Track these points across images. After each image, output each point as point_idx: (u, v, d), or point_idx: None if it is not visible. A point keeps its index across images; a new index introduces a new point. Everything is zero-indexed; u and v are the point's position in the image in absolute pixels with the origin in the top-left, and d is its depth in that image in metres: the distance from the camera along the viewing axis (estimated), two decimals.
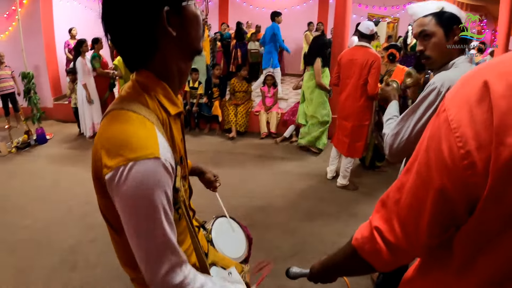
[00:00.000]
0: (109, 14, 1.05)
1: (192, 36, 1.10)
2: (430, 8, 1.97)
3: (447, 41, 1.95)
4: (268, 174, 5.65)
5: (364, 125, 4.92)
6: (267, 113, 7.28)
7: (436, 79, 1.86)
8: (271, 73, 7.53)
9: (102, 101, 7.16)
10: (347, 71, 4.79)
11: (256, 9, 13.62)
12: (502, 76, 0.60)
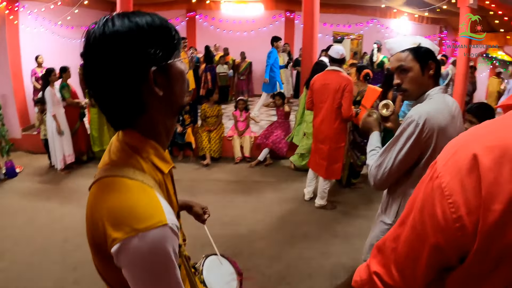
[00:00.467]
0: (93, 72, 1.01)
1: (178, 93, 1.09)
2: (407, 44, 2.07)
3: (422, 75, 2.04)
4: (247, 200, 5.64)
5: (341, 147, 5.04)
6: (240, 137, 7.29)
7: (414, 112, 1.96)
8: (242, 98, 7.60)
9: (72, 131, 6.99)
10: (320, 96, 4.88)
11: (224, 32, 13.73)
12: (489, 149, 0.68)
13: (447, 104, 2.01)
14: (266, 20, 13.77)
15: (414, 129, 1.92)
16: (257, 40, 13.42)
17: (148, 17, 1.03)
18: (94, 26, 1.00)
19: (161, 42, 1.02)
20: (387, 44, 2.21)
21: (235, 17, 13.63)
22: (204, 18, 13.79)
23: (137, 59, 0.97)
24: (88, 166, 7.21)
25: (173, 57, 1.06)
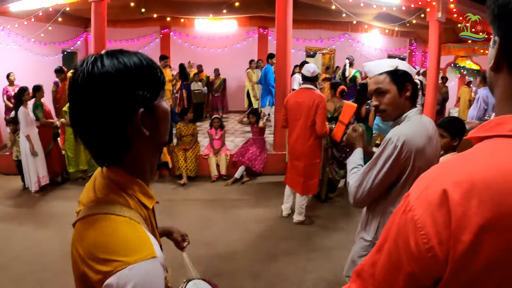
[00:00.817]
0: (80, 111, 1.01)
1: (162, 132, 1.10)
2: (385, 67, 2.13)
3: (400, 97, 2.09)
4: (225, 219, 5.62)
5: (316, 163, 5.11)
6: (216, 155, 7.27)
7: (392, 134, 2.01)
8: (217, 116, 7.61)
9: (46, 152, 6.81)
10: (294, 114, 4.94)
11: (198, 48, 13.77)
12: (457, 185, 0.72)
13: (424, 125, 2.07)
14: (240, 36, 13.92)
15: (392, 150, 1.97)
16: (231, 57, 13.56)
17: (135, 57, 1.04)
18: (82, 64, 1.01)
19: (148, 83, 1.04)
20: (365, 67, 2.28)
21: (209, 34, 13.72)
22: (178, 35, 13.85)
23: (125, 101, 0.99)
24: (63, 188, 7.04)
25: (159, 97, 1.08)
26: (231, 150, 7.57)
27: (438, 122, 3.39)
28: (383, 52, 15.75)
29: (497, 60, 0.81)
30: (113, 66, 0.98)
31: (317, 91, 4.92)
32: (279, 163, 6.92)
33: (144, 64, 1.05)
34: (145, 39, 13.63)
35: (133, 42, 13.36)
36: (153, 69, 1.07)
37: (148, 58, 1.08)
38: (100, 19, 7.35)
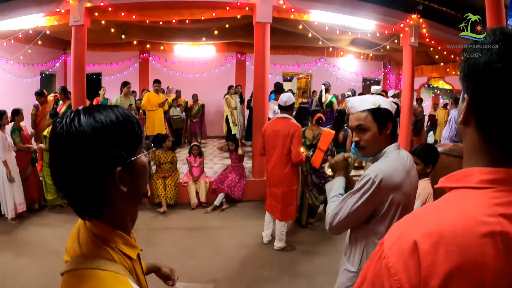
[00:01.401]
0: (59, 166, 1.04)
1: (141, 185, 1.14)
2: (367, 104, 2.20)
3: (380, 135, 2.17)
4: (206, 247, 5.61)
5: (293, 190, 5.20)
6: (196, 183, 7.28)
7: (370, 171, 2.07)
8: (196, 143, 7.64)
9: (23, 178, 6.68)
10: (271, 142, 5.05)
11: (176, 74, 13.88)
12: (427, 236, 0.80)
13: (402, 160, 2.14)
14: (218, 62, 14.11)
15: (370, 186, 2.02)
16: (209, 82, 13.72)
17: (112, 114, 1.06)
18: (62, 120, 1.04)
19: (125, 140, 1.07)
20: (347, 102, 2.34)
21: (188, 59, 13.87)
22: (157, 60, 13.92)
23: (102, 160, 1.01)
24: (40, 215, 6.87)
25: (137, 152, 1.11)
26: (210, 177, 7.59)
27: (412, 150, 3.50)
28: (358, 75, 16.13)
29: (466, 115, 0.89)
30: (90, 126, 1.01)
31: (292, 120, 5.05)
32: (259, 189, 6.96)
33: (121, 120, 1.06)
34: (124, 63, 13.68)
35: (112, 66, 13.44)
36: (130, 125, 1.09)
37: (126, 113, 1.10)
38: (80, 43, 7.40)
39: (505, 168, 0.84)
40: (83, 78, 7.55)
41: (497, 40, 0.82)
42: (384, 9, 8.94)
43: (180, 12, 8.02)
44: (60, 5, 7.25)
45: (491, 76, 0.81)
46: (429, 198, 3.23)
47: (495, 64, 0.81)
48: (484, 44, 0.84)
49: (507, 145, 0.85)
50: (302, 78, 15.63)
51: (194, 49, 13.62)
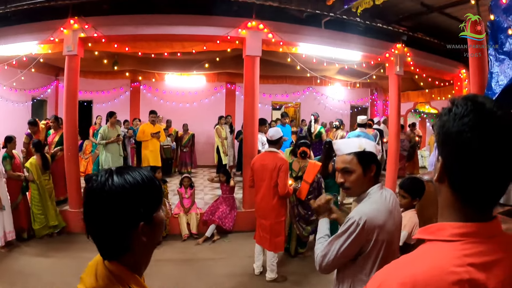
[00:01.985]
0: (91, 216, 1.23)
1: (158, 235, 1.32)
2: (353, 147, 2.33)
3: (364, 177, 2.29)
4: (198, 279, 5.62)
5: (281, 221, 5.31)
6: (187, 214, 7.30)
7: (355, 214, 2.18)
8: (187, 175, 7.69)
9: (13, 206, 6.65)
10: (260, 175, 5.20)
11: (167, 103, 14.02)
12: (402, 285, 0.90)
13: (385, 200, 2.25)
14: (208, 92, 14.32)
15: (355, 228, 2.12)
16: (199, 111, 13.87)
17: (140, 177, 1.26)
18: (97, 178, 1.24)
19: (149, 199, 1.26)
20: (334, 145, 2.47)
21: (178, 89, 14.05)
22: (148, 89, 14.06)
23: (130, 216, 1.21)
24: (29, 245, 6.76)
25: (157, 209, 1.30)
26: (201, 208, 7.62)
27: (400, 184, 3.65)
28: (346, 103, 16.43)
29: (440, 175, 1.02)
30: (121, 187, 1.21)
31: (279, 155, 5.22)
32: (249, 220, 7.01)
33: (146, 183, 1.26)
34: (115, 91, 13.80)
35: (103, 94, 13.56)
36: (153, 187, 1.29)
37: (151, 177, 1.30)
38: (73, 73, 7.50)
39: (474, 222, 0.96)
40: (75, 107, 7.62)
41: (468, 112, 0.94)
42: (370, 40, 9.19)
43: (171, 45, 8.21)
44: (54, 34, 7.37)
45: (463, 144, 0.94)
46: (415, 227, 3.36)
47: (466, 134, 0.93)
48: (457, 114, 0.96)
49: (476, 202, 0.98)
50: (291, 107, 15.89)
51: (184, 79, 13.78)
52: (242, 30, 7.77)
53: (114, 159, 8.55)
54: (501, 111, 0.94)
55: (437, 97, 13.99)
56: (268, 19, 7.97)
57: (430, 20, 9.02)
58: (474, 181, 0.95)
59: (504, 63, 4.44)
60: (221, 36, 7.75)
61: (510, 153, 0.93)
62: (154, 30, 7.61)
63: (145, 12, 7.60)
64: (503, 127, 0.93)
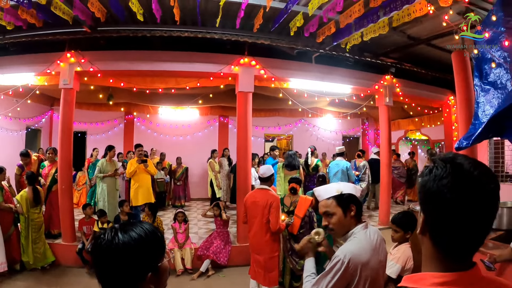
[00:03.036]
0: (101, 269, 1.35)
1: (164, 282, 1.44)
2: (331, 192, 2.50)
3: (345, 217, 2.44)
4: None
5: (275, 256, 5.35)
6: (181, 249, 7.29)
7: (340, 252, 2.30)
8: (181, 210, 7.73)
9: (6, 237, 6.60)
10: (252, 211, 5.28)
11: (161, 136, 14.12)
12: None
13: (369, 238, 2.38)
14: (201, 125, 14.46)
15: (340, 266, 2.24)
16: (192, 145, 13.97)
17: (143, 232, 1.39)
18: (104, 235, 1.37)
19: (154, 251, 1.40)
20: (315, 192, 2.64)
21: (172, 122, 14.16)
22: (142, 122, 14.12)
23: (138, 270, 1.34)
24: (22, 277, 6.67)
25: (162, 259, 1.43)
26: (195, 243, 7.60)
27: (392, 219, 3.76)
28: (338, 133, 16.67)
29: (422, 228, 1.14)
30: (127, 244, 1.34)
31: (271, 192, 5.30)
32: (244, 254, 7.03)
33: (150, 236, 1.39)
34: (109, 123, 13.83)
35: (97, 125, 13.58)
36: (157, 239, 1.42)
37: (153, 230, 1.43)
38: (69, 106, 7.58)
39: (454, 272, 1.06)
40: (70, 140, 7.67)
41: (448, 174, 1.05)
42: (359, 73, 9.42)
43: (166, 80, 8.43)
44: (51, 67, 7.51)
45: (442, 204, 1.05)
46: (409, 261, 3.42)
47: (445, 195, 1.03)
48: (437, 175, 1.06)
49: (455, 254, 1.08)
50: (283, 139, 16.08)
51: (178, 112, 13.94)
52: (235, 66, 7.99)
53: (110, 193, 8.51)
54: (477, 171, 1.04)
55: (427, 124, 14.31)
56: (260, 56, 8.20)
57: (417, 51, 9.30)
58: (453, 236, 1.05)
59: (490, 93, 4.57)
60: (215, 72, 7.94)
61: (486, 211, 1.04)
62: (149, 66, 7.81)
63: (140, 48, 7.81)
64: (479, 187, 1.03)
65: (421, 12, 5.88)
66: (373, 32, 6.89)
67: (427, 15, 6.06)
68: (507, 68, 4.31)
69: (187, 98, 11.13)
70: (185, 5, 6.81)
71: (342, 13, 6.62)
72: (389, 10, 6.06)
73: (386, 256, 2.55)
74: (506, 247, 4.04)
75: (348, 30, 7.25)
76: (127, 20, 7.32)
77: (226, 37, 7.47)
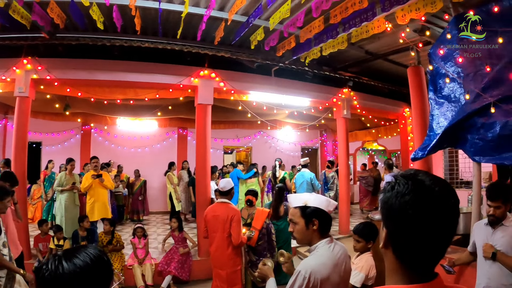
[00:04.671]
0: None
1: None
2: (299, 202, 2.55)
3: (307, 229, 2.49)
4: None
5: (237, 270, 5.32)
6: (141, 265, 7.09)
7: (301, 267, 2.33)
8: (140, 225, 7.56)
9: None
10: (212, 226, 5.23)
11: (118, 148, 13.75)
12: None
13: (331, 253, 2.43)
14: (160, 137, 14.22)
15: (302, 281, 2.27)
16: (151, 157, 13.70)
17: (88, 258, 1.34)
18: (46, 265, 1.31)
19: (101, 276, 1.35)
20: (288, 198, 2.71)
21: (130, 133, 13.83)
22: (100, 133, 13.69)
23: None
24: None
25: (110, 283, 1.40)
26: (156, 258, 7.45)
27: (353, 229, 3.84)
28: (296, 145, 16.92)
29: (385, 242, 1.15)
30: (72, 272, 1.28)
31: (231, 205, 5.28)
32: (206, 268, 6.97)
33: (95, 262, 1.34)
34: (65, 134, 13.31)
35: (53, 135, 13.03)
36: (103, 264, 1.37)
37: (98, 254, 1.38)
38: (24, 115, 7.29)
39: (416, 284, 1.09)
40: (24, 150, 7.37)
41: (410, 191, 1.07)
42: (318, 87, 9.61)
43: (124, 91, 8.28)
44: (6, 73, 7.19)
45: (404, 220, 1.07)
46: (372, 269, 3.51)
47: (407, 211, 1.06)
48: (399, 192, 1.09)
49: (417, 267, 1.11)
50: (242, 151, 16.10)
51: (136, 123, 13.65)
52: (194, 78, 7.98)
53: (68, 207, 8.12)
54: (438, 187, 1.08)
55: (384, 135, 14.78)
56: (221, 68, 8.23)
57: (375, 66, 9.60)
58: (415, 250, 1.08)
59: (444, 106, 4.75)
60: (174, 84, 7.90)
61: (447, 225, 1.07)
62: (108, 76, 7.65)
63: (99, 57, 7.61)
64: (440, 203, 1.06)
65: (379, 29, 6.07)
66: (332, 47, 7.05)
67: (385, 32, 6.26)
68: (460, 83, 4.49)
69: (146, 110, 10.93)
70: (147, 15, 6.75)
71: (303, 28, 6.75)
72: (348, 26, 6.22)
73: (350, 271, 2.61)
74: (464, 250, 4.21)
75: (307, 45, 7.38)
76: (87, 27, 7.15)
77: (187, 49, 7.42)
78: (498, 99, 4.04)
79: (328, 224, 2.55)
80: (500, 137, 4.05)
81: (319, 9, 5.47)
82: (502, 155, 4.10)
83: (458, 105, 4.56)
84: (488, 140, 4.18)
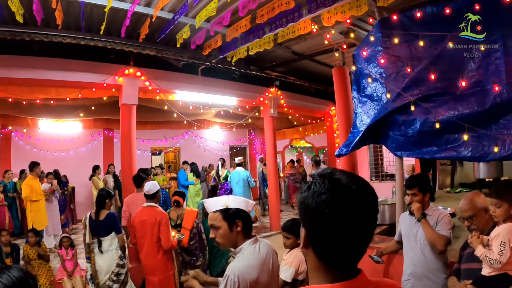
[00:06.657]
0: None
1: None
2: (218, 205, 2.48)
3: (231, 232, 2.43)
4: None
5: (170, 275, 5.21)
6: (71, 278, 6.67)
7: (229, 271, 2.30)
8: (66, 235, 7.17)
9: None
10: (141, 231, 5.07)
11: (41, 152, 12.69)
12: None
13: (257, 253, 2.42)
14: (85, 139, 13.48)
15: (233, 285, 2.25)
16: (76, 161, 12.90)
17: (10, 279, 1.26)
18: None
19: None
20: (205, 203, 2.61)
21: (53, 136, 12.92)
22: (20, 136, 12.55)
23: None
24: None
25: None
26: (86, 269, 7.04)
27: (282, 226, 3.88)
28: (225, 144, 16.98)
29: (304, 242, 1.14)
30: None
31: (158, 208, 5.16)
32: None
33: (18, 284, 1.28)
34: None
35: None
36: (27, 286, 1.31)
37: (20, 276, 1.31)
38: None
39: (340, 282, 1.08)
40: None
41: (326, 190, 1.06)
42: (245, 86, 9.67)
43: (45, 90, 7.78)
44: None
45: (322, 219, 1.05)
46: (302, 264, 3.53)
47: (324, 211, 1.04)
48: (315, 192, 1.07)
49: (338, 265, 1.10)
50: (170, 152, 15.88)
51: (59, 125, 12.80)
52: (119, 77, 7.73)
53: None
54: (355, 185, 1.08)
55: (311, 133, 15.21)
56: (146, 67, 8.04)
57: (301, 66, 9.83)
58: (335, 249, 1.08)
59: (367, 104, 4.93)
60: (97, 83, 7.58)
61: (365, 223, 1.08)
62: (27, 73, 7.06)
63: (18, 53, 7.02)
64: (357, 201, 1.06)
65: (305, 30, 6.20)
66: (259, 47, 7.11)
67: (311, 33, 6.40)
68: (382, 82, 4.68)
69: (68, 110, 10.32)
70: (70, 9, 6.37)
71: (229, 27, 6.74)
72: (274, 26, 6.30)
73: (278, 267, 2.64)
74: (391, 239, 4.40)
75: (234, 44, 7.40)
76: (5, 20, 6.60)
77: (111, 46, 7.08)
78: (418, 98, 4.24)
79: (250, 224, 2.54)
80: (420, 133, 4.26)
81: (246, 8, 5.50)
82: (422, 150, 4.32)
83: (380, 103, 4.74)
84: (408, 136, 4.38)
